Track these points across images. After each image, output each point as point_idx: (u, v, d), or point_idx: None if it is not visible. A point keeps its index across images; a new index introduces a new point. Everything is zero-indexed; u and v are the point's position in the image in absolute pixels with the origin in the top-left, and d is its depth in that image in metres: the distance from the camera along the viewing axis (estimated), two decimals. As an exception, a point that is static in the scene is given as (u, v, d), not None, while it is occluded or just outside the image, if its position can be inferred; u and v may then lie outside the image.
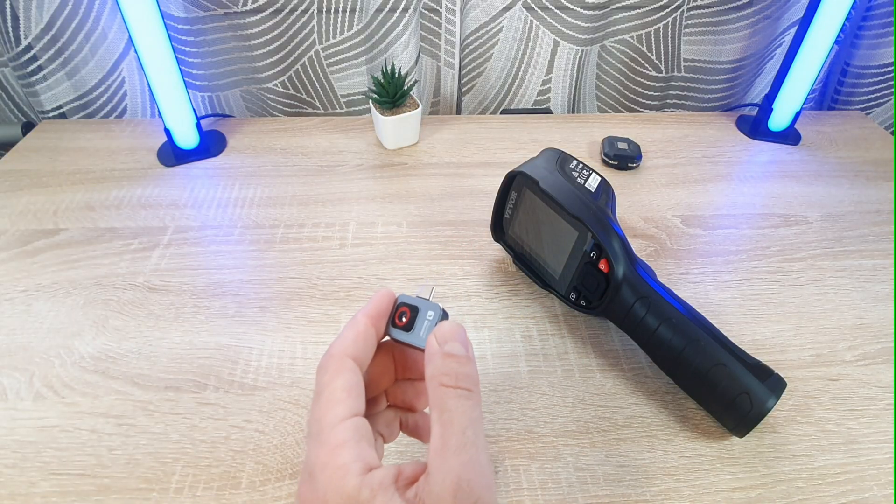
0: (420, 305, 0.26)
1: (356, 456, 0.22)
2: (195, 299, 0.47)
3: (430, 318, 0.26)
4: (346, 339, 0.25)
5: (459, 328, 0.25)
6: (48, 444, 0.36)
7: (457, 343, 0.24)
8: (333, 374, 0.24)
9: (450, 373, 0.23)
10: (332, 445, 0.22)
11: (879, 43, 0.72)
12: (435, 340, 0.24)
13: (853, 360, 0.43)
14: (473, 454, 0.21)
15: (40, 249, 0.51)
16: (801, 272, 0.51)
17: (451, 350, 0.24)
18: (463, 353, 0.24)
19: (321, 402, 0.24)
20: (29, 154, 0.64)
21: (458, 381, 0.23)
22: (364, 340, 0.26)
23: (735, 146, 0.68)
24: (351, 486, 0.21)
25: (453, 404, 0.22)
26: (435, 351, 0.24)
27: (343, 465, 0.22)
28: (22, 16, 0.64)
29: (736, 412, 0.36)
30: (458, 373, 0.23)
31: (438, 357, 0.24)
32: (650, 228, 0.55)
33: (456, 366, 0.23)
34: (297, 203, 0.58)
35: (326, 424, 0.23)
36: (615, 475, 0.35)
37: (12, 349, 0.42)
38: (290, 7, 0.67)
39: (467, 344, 0.24)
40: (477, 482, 0.21)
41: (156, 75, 0.58)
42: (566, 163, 0.45)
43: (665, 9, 0.71)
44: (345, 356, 0.25)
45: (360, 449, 0.22)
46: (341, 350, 0.25)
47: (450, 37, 0.71)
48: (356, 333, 0.26)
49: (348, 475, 0.21)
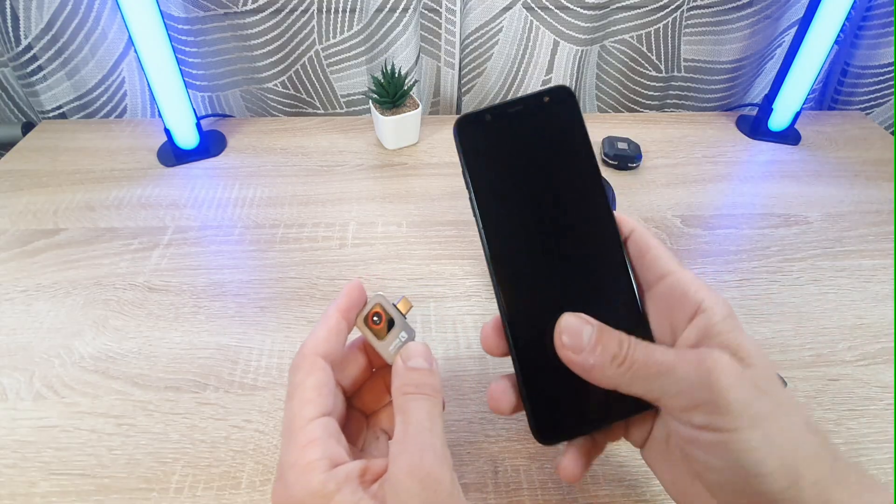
0: (397, 322, 0.28)
1: (322, 453, 0.23)
2: (195, 299, 0.47)
3: (401, 339, 0.27)
4: (317, 338, 0.26)
5: (424, 347, 0.27)
6: (48, 444, 0.36)
7: (420, 359, 0.26)
8: (305, 374, 0.25)
9: (412, 382, 0.25)
10: (301, 444, 0.23)
11: (879, 43, 0.72)
12: (400, 359, 0.26)
13: (853, 360, 0.43)
14: (428, 439, 0.23)
15: (40, 249, 0.51)
16: (801, 272, 0.51)
17: (414, 365, 0.26)
18: (426, 367, 0.26)
19: (293, 403, 0.25)
20: (29, 154, 0.64)
21: (418, 388, 0.25)
22: (336, 335, 0.27)
23: (735, 146, 0.68)
24: (316, 481, 0.22)
25: (414, 405, 0.24)
26: (399, 367, 0.26)
27: (310, 462, 0.23)
28: (22, 16, 0.64)
29: None
30: (420, 382, 0.25)
31: (403, 371, 0.26)
32: (650, 228, 0.55)
33: (417, 377, 0.25)
34: (297, 203, 0.58)
35: (297, 425, 0.24)
36: (615, 475, 0.35)
37: (12, 349, 0.42)
38: (290, 7, 0.67)
39: (431, 360, 0.26)
40: (428, 457, 0.22)
41: (156, 75, 0.58)
42: (566, 163, 0.45)
43: (665, 9, 0.71)
44: (316, 355, 0.26)
45: (327, 446, 0.23)
46: (313, 349, 0.26)
47: (450, 37, 0.71)
48: (328, 330, 0.27)
49: (314, 472, 0.22)
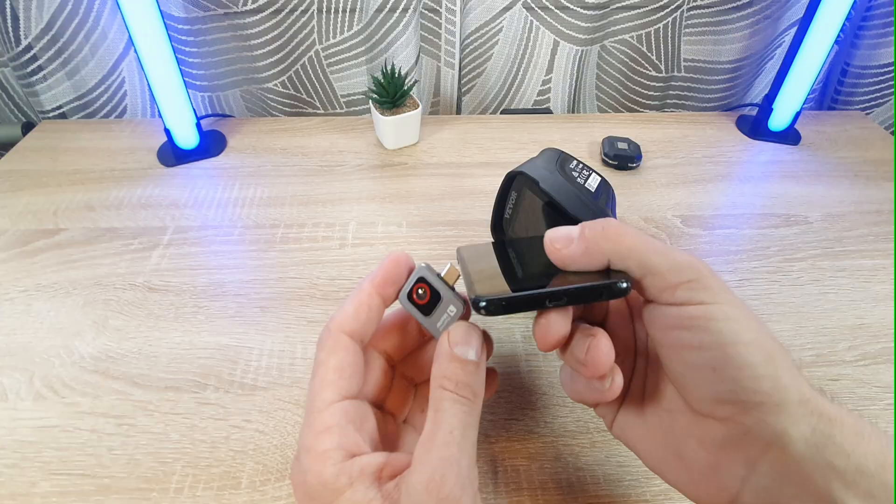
0: (444, 295, 0.25)
1: (338, 443, 0.22)
2: (195, 299, 0.47)
3: (450, 314, 0.24)
4: (346, 313, 0.25)
5: (475, 333, 0.24)
6: (48, 444, 0.36)
7: (469, 348, 0.23)
8: (328, 352, 0.24)
9: (451, 377, 0.23)
10: (317, 430, 0.22)
11: (879, 43, 0.72)
12: (447, 340, 0.23)
13: (853, 360, 0.43)
14: (454, 453, 0.21)
15: (40, 249, 0.51)
16: (801, 272, 0.51)
17: (460, 353, 0.23)
18: (471, 360, 0.23)
19: (315, 382, 0.24)
20: (29, 154, 0.64)
21: (457, 388, 0.23)
22: (367, 312, 0.25)
23: (735, 146, 0.68)
24: (329, 473, 0.21)
25: (448, 406, 0.22)
26: (444, 351, 0.23)
27: (324, 451, 0.22)
28: (22, 16, 0.64)
29: None
30: (460, 380, 0.23)
31: (446, 358, 0.23)
32: (650, 228, 0.55)
33: (461, 372, 0.23)
34: (297, 203, 0.58)
35: (315, 407, 0.23)
36: (615, 475, 0.35)
37: (12, 349, 0.42)
38: (290, 7, 0.67)
39: (480, 349, 0.24)
40: (450, 479, 0.21)
41: (156, 75, 0.58)
42: (566, 163, 0.45)
43: (665, 9, 0.71)
44: (341, 332, 0.24)
45: (344, 435, 0.22)
46: (339, 325, 0.25)
47: (450, 37, 0.71)
48: (358, 305, 0.25)
49: (328, 462, 0.21)
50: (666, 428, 0.25)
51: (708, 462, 0.23)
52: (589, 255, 0.23)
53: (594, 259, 0.23)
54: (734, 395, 0.21)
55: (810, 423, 0.21)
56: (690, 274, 0.22)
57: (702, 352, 0.22)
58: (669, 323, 0.23)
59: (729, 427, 0.22)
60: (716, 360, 0.21)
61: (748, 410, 0.21)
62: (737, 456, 0.22)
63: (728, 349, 0.21)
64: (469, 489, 0.21)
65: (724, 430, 0.22)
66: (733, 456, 0.22)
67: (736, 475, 0.22)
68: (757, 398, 0.21)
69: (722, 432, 0.22)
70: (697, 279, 0.22)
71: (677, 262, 0.22)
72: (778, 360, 0.21)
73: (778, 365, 0.21)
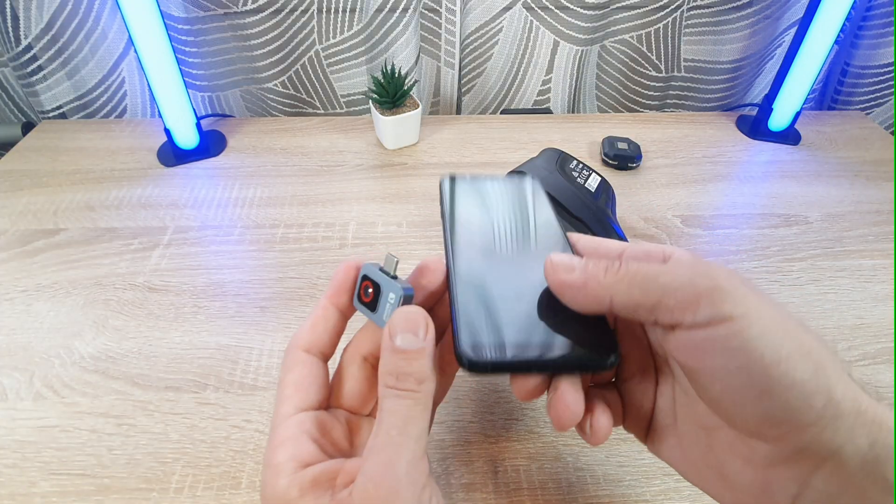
0: (382, 284, 0.24)
1: (291, 455, 0.22)
2: (195, 299, 0.47)
3: (391, 302, 0.23)
4: (302, 330, 0.25)
5: (415, 315, 0.22)
6: (48, 444, 0.36)
7: (408, 334, 0.22)
8: (286, 369, 0.24)
9: (394, 371, 0.22)
10: (273, 445, 0.23)
11: (879, 43, 0.72)
12: (388, 332, 0.22)
13: (853, 360, 0.43)
14: (391, 456, 0.21)
15: (40, 249, 0.51)
16: (801, 272, 0.51)
17: (399, 344, 0.22)
18: (412, 347, 0.22)
19: (276, 401, 0.24)
20: (29, 154, 0.64)
21: (398, 382, 0.22)
22: (323, 324, 0.25)
23: (735, 146, 0.68)
24: (281, 485, 0.21)
25: (389, 404, 0.22)
26: (386, 345, 0.22)
27: (277, 464, 0.22)
28: (22, 16, 0.64)
29: None
30: (402, 371, 0.22)
31: (388, 352, 0.22)
32: (650, 228, 0.55)
33: (402, 363, 0.22)
34: (297, 203, 0.58)
35: (274, 423, 0.23)
36: (615, 475, 0.35)
37: (12, 349, 0.42)
38: (290, 7, 0.67)
39: (422, 331, 0.22)
40: (383, 484, 0.20)
41: (156, 75, 0.58)
42: (566, 163, 0.45)
43: (665, 9, 0.71)
44: (297, 349, 0.25)
45: (298, 445, 0.22)
46: (295, 342, 0.25)
47: (450, 37, 0.71)
48: (314, 320, 0.25)
49: (280, 474, 0.21)
50: (704, 447, 0.23)
51: (755, 482, 0.21)
52: (586, 290, 0.22)
53: (592, 293, 0.22)
54: (785, 414, 0.20)
55: (867, 436, 0.19)
56: (706, 282, 0.21)
57: (742, 376, 0.20)
58: (699, 350, 0.21)
59: (780, 446, 0.20)
60: (760, 383, 0.20)
61: (802, 429, 0.19)
62: (789, 474, 0.20)
63: (771, 370, 0.19)
64: (413, 485, 0.21)
65: (774, 448, 0.21)
66: (785, 474, 0.21)
67: (787, 494, 0.21)
68: (810, 417, 0.19)
69: (771, 451, 0.21)
70: (715, 286, 0.20)
71: (689, 276, 0.21)
72: (828, 368, 0.20)
73: (829, 374, 0.19)
